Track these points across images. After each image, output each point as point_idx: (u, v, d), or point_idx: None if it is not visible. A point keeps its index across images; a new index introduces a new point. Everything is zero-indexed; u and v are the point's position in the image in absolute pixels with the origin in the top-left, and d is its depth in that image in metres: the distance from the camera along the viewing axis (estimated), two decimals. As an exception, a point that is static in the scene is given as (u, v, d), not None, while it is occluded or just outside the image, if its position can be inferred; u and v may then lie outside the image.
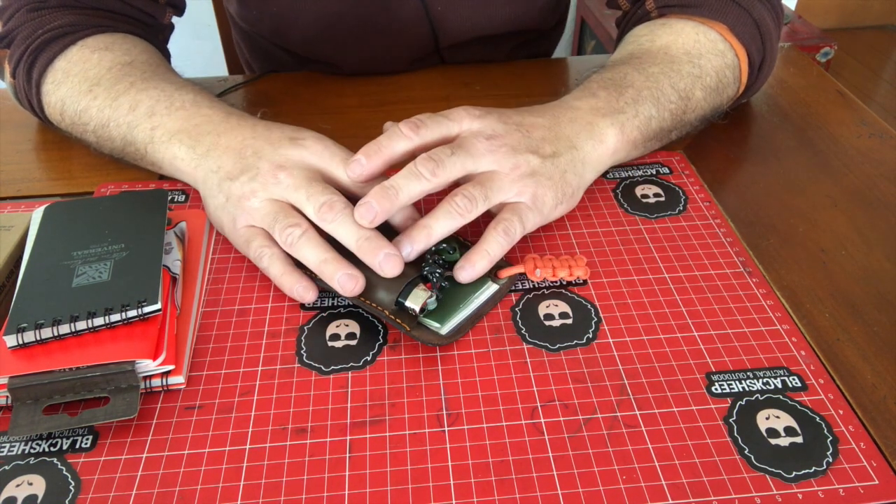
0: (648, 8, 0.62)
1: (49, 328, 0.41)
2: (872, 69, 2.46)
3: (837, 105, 0.69)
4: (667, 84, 0.56)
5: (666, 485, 0.37)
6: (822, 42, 1.86)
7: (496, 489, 0.37)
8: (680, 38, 0.59)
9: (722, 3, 0.58)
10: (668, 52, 0.58)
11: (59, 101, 0.57)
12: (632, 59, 0.58)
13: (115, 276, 0.44)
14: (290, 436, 0.39)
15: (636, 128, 0.54)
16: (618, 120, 0.53)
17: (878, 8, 2.67)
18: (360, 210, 0.44)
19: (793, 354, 0.43)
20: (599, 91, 0.54)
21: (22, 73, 0.58)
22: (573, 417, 0.40)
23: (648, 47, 0.59)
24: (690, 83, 0.57)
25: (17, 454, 0.39)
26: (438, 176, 0.45)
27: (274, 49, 0.83)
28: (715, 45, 0.58)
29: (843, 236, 0.53)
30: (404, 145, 0.48)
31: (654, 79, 0.55)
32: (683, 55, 0.58)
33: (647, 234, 0.53)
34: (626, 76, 0.56)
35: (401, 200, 0.45)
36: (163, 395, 0.42)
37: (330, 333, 0.45)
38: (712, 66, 0.58)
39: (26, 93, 0.59)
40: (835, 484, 0.36)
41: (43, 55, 0.57)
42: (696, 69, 0.57)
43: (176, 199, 0.57)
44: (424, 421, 0.40)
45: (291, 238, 0.45)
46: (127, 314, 0.42)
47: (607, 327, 0.45)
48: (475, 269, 0.46)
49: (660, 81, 0.55)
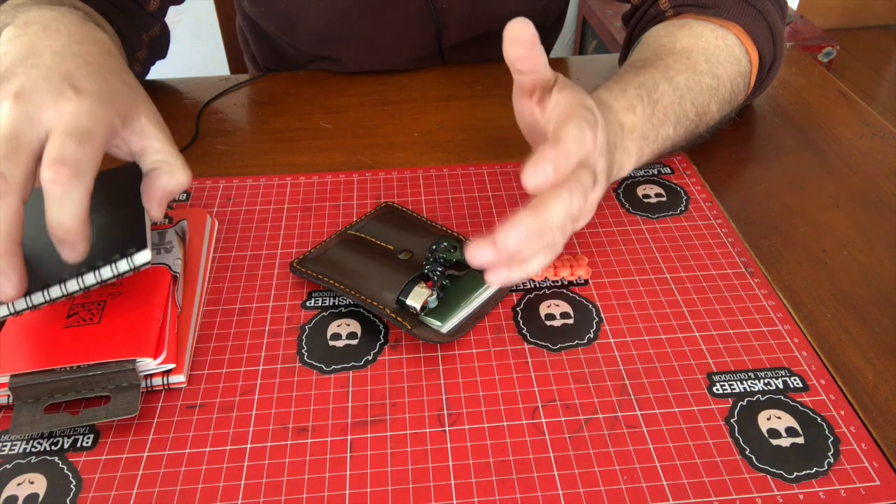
0: (662, 7, 0.61)
1: (39, 293, 0.39)
2: (875, 69, 2.46)
3: (839, 105, 0.69)
4: (689, 102, 0.55)
5: (667, 485, 0.37)
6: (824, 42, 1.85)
7: (497, 489, 0.37)
8: (700, 42, 0.57)
9: (738, 4, 0.57)
10: (689, 58, 0.57)
11: None
12: (658, 61, 0.56)
13: (98, 236, 0.40)
14: (291, 435, 0.39)
15: (652, 151, 0.53)
16: (642, 145, 0.52)
17: (881, 8, 2.67)
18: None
19: (794, 355, 0.43)
20: (637, 104, 0.52)
21: None
22: (574, 417, 0.40)
23: (670, 49, 0.58)
24: (708, 98, 0.56)
25: (19, 453, 0.39)
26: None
27: (280, 43, 0.83)
28: (732, 52, 0.58)
29: (845, 237, 0.53)
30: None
31: (680, 94, 0.54)
32: (704, 63, 0.56)
33: (649, 233, 0.53)
34: (658, 86, 0.54)
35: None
36: (164, 393, 0.42)
37: (331, 333, 0.45)
38: (728, 77, 0.57)
39: None
40: (836, 485, 0.36)
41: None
42: (715, 81, 0.56)
43: (177, 198, 0.57)
44: (425, 420, 0.40)
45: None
46: (118, 267, 0.40)
47: (608, 327, 0.45)
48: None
49: (684, 98, 0.54)
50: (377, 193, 0.57)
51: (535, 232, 0.37)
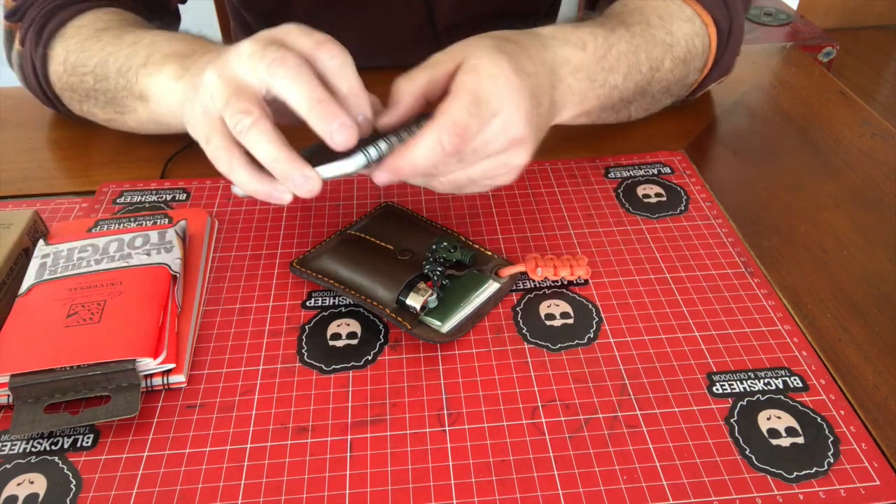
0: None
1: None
2: (874, 69, 2.46)
3: (839, 105, 0.69)
4: (644, 54, 0.53)
5: (667, 485, 0.37)
6: (824, 42, 1.85)
7: (497, 489, 0.37)
8: (650, 2, 0.57)
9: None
10: (642, 14, 0.56)
11: (63, 51, 0.57)
12: (613, 16, 0.56)
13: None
14: (292, 435, 0.39)
15: (598, 97, 0.52)
16: (588, 86, 0.50)
17: (881, 8, 2.67)
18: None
19: (794, 355, 0.43)
20: (589, 41, 0.50)
21: (31, 37, 0.58)
22: (574, 417, 0.40)
23: (621, 10, 0.57)
24: (662, 52, 0.55)
25: (19, 453, 0.39)
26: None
27: None
28: (682, 11, 0.57)
29: (845, 236, 0.53)
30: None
31: (636, 44, 0.53)
32: (657, 18, 0.56)
33: (649, 233, 0.53)
34: (615, 29, 0.53)
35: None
36: (164, 393, 0.42)
37: (331, 333, 0.45)
38: (683, 34, 0.56)
39: (32, 58, 0.59)
40: (836, 484, 0.36)
41: (55, 18, 0.57)
42: (669, 37, 0.55)
43: (177, 198, 0.57)
44: (425, 420, 0.40)
45: (242, 126, 0.40)
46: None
47: (608, 327, 0.45)
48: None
49: (639, 49, 0.53)
50: (377, 193, 0.57)
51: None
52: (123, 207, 0.56)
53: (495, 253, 0.50)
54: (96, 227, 0.51)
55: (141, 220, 0.51)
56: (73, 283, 0.45)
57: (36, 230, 0.50)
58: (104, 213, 0.55)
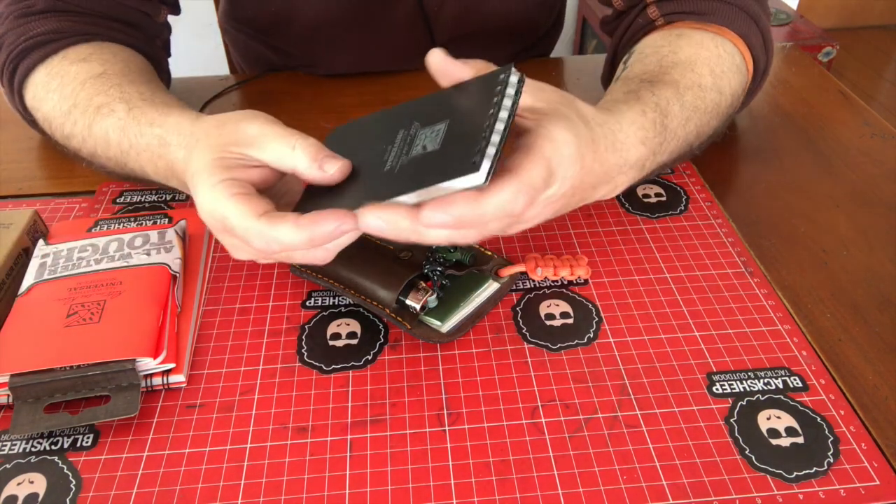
0: (652, 16, 0.58)
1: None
2: (875, 69, 2.46)
3: (839, 105, 0.69)
4: (693, 125, 0.51)
5: (667, 485, 0.37)
6: (823, 42, 1.85)
7: (497, 488, 0.37)
8: (702, 51, 0.54)
9: (732, 11, 0.55)
10: (694, 70, 0.53)
11: (45, 120, 0.56)
12: (665, 75, 0.52)
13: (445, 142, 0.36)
14: (291, 435, 0.39)
15: (643, 178, 0.50)
16: (634, 176, 0.48)
17: (881, 7, 2.67)
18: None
19: (794, 355, 0.43)
20: (650, 132, 0.47)
21: (5, 81, 0.57)
22: (574, 417, 0.40)
23: (674, 60, 0.53)
24: (710, 117, 0.53)
25: (19, 452, 0.39)
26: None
27: (265, 52, 0.83)
28: (733, 60, 0.55)
29: (845, 236, 0.53)
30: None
31: (687, 115, 0.51)
32: (708, 76, 0.53)
33: (649, 233, 0.53)
34: (670, 109, 0.49)
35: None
36: (164, 393, 0.42)
37: (331, 332, 0.45)
38: (730, 89, 0.54)
39: (11, 101, 0.58)
40: (836, 484, 0.36)
41: (24, 64, 0.55)
42: (718, 95, 0.53)
43: (177, 198, 0.57)
44: (425, 420, 0.40)
45: (273, 259, 0.41)
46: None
47: (608, 327, 0.45)
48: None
49: (689, 121, 0.51)
50: (377, 193, 0.57)
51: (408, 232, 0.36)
52: (123, 207, 0.56)
53: (495, 253, 0.50)
54: (96, 226, 0.51)
55: (141, 220, 0.51)
56: (73, 282, 0.45)
57: (36, 230, 0.50)
58: (104, 212, 0.55)
